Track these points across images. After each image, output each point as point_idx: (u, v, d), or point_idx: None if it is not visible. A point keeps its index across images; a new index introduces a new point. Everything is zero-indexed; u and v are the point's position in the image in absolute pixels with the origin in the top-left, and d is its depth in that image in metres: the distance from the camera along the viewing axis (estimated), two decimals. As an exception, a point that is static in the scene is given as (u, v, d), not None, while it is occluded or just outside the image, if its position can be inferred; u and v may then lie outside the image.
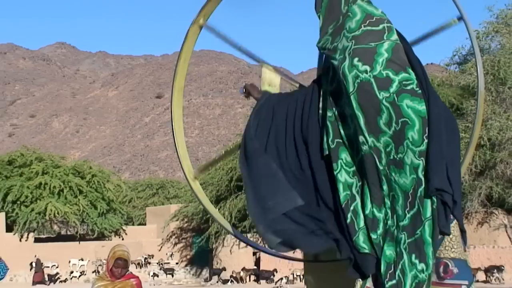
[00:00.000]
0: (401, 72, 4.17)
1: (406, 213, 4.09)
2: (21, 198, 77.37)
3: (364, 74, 4.19)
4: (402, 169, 4.10)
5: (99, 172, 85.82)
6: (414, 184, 4.08)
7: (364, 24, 4.29)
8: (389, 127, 4.12)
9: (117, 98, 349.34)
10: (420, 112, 4.12)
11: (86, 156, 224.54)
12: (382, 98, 4.14)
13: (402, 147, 4.11)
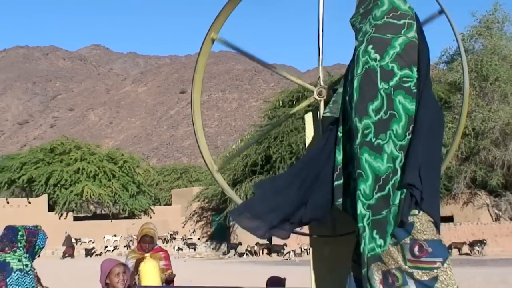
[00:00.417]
0: (405, 69, 4.12)
1: (373, 194, 4.08)
2: (61, 181, 77.69)
3: (373, 61, 4.15)
4: (379, 155, 4.07)
5: (130, 158, 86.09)
6: (390, 172, 4.06)
7: (388, 16, 4.24)
8: (376, 114, 4.09)
9: (146, 93, 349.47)
10: (409, 111, 4.08)
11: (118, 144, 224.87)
12: (381, 88, 4.11)
13: (384, 135, 4.08)
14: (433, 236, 4.07)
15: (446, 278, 4.00)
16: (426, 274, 4.02)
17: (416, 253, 4.05)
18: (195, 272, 32.21)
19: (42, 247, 5.70)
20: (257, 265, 44.63)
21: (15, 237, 5.73)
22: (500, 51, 53.54)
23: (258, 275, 31.95)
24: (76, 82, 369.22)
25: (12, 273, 5.47)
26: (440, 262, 4.03)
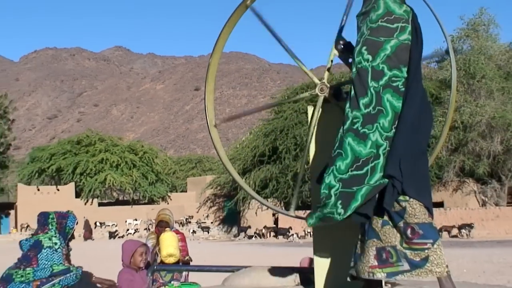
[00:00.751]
0: (394, 69, 4.15)
1: (348, 171, 4.12)
2: (87, 170, 77.97)
3: (365, 62, 4.19)
4: (363, 141, 4.12)
5: (149, 150, 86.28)
6: (371, 156, 4.10)
7: (382, 20, 4.25)
8: (366, 108, 4.13)
9: (163, 90, 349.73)
10: (395, 108, 4.11)
11: (138, 137, 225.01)
12: (371, 86, 4.14)
13: (371, 126, 4.12)
14: (424, 220, 4.09)
15: (436, 258, 4.02)
16: (417, 255, 4.04)
17: (409, 235, 4.08)
18: (209, 252, 32.26)
19: (72, 228, 5.82)
20: (264, 246, 44.69)
21: (46, 220, 5.85)
22: (486, 51, 53.57)
23: (266, 255, 32.02)
24: (100, 80, 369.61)
25: (43, 250, 5.61)
26: (430, 243, 4.05)
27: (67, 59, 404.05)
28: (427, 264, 4.00)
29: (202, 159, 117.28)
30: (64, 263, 5.65)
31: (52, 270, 5.58)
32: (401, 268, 4.08)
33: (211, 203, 68.71)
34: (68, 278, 5.61)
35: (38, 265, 5.60)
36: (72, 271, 5.65)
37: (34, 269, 5.58)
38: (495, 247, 36.83)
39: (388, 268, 4.12)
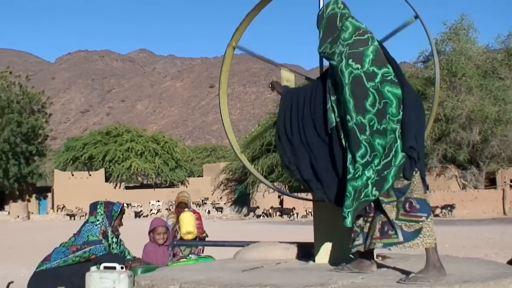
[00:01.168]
0: (383, 68, 4.21)
1: (381, 161, 4.15)
2: (115, 158, 78.21)
3: (356, 70, 4.24)
4: (384, 135, 4.15)
5: (170, 140, 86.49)
6: (392, 141, 4.14)
7: (355, 35, 4.37)
8: (373, 107, 4.16)
9: (182, 87, 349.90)
10: (397, 95, 4.17)
11: (160, 128, 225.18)
12: (369, 87, 4.18)
13: (385, 120, 4.16)
14: (421, 196, 4.15)
15: (428, 230, 4.05)
16: (412, 227, 4.08)
17: (407, 209, 4.12)
18: (222, 230, 32.32)
19: (116, 211, 6.11)
20: (271, 224, 44.73)
21: (95, 207, 6.14)
22: (466, 53, 53.69)
23: (272, 232, 32.05)
24: (127, 79, 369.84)
25: (86, 224, 5.98)
26: (425, 216, 4.09)
27: (97, 60, 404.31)
28: (420, 235, 4.04)
29: (216, 148, 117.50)
30: (99, 236, 5.84)
31: (87, 239, 5.83)
32: (396, 240, 4.11)
33: (224, 187, 68.80)
34: (97, 248, 5.77)
35: (78, 235, 5.90)
36: (103, 244, 5.81)
37: (75, 238, 5.89)
38: (473, 225, 36.81)
39: (385, 239, 4.16)
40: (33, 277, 5.95)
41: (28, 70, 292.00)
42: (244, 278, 4.22)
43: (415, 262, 4.78)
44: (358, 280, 3.99)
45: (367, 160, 4.23)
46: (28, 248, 25.33)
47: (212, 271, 4.77)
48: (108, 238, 6.02)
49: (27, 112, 74.29)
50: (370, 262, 4.49)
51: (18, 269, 17.08)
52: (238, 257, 5.76)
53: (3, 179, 69.06)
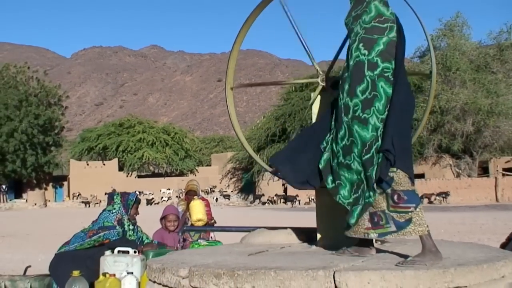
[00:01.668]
0: (386, 62, 4.15)
1: (362, 156, 4.12)
2: (128, 148, 78.35)
3: (362, 56, 4.18)
4: (365, 126, 4.11)
5: (179, 131, 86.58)
6: (373, 139, 4.09)
7: (374, 20, 4.25)
8: (362, 94, 4.12)
9: (191, 81, 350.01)
10: (388, 93, 4.12)
11: (171, 120, 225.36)
12: (367, 75, 4.13)
13: (368, 110, 4.12)
14: (408, 187, 4.11)
15: (418, 219, 4.04)
16: (402, 217, 4.06)
17: (395, 200, 4.09)
18: (229, 216, 32.37)
19: (132, 200, 6.19)
20: (275, 211, 44.78)
21: (112, 197, 6.28)
22: (460, 48, 53.71)
23: (276, 218, 32.09)
24: (139, 73, 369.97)
25: (104, 212, 6.11)
26: (413, 207, 4.07)
27: (111, 55, 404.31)
28: (411, 224, 4.03)
29: (224, 138, 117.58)
30: (114, 223, 5.92)
31: (103, 225, 5.94)
32: (389, 229, 4.11)
33: (231, 175, 68.83)
34: (111, 233, 5.87)
35: (96, 222, 6.03)
36: (117, 229, 5.91)
37: (93, 224, 6.02)
38: (467, 211, 36.80)
39: (379, 229, 4.15)
40: (54, 259, 6.06)
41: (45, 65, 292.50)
42: (251, 262, 4.23)
43: (412, 246, 4.78)
44: (358, 263, 4.00)
45: (345, 144, 4.22)
46: (45, 234, 25.40)
47: (219, 255, 4.78)
48: (124, 225, 6.09)
49: (44, 105, 74.46)
50: (369, 246, 4.50)
51: (35, 254, 17.13)
52: (245, 242, 5.77)
53: (21, 168, 69.27)
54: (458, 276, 3.64)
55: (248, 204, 60.49)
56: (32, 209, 61.44)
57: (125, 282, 4.88)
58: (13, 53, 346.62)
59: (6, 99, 69.95)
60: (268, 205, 56.11)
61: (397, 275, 3.56)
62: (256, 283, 3.67)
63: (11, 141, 67.80)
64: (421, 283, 3.56)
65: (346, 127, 4.21)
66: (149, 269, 4.44)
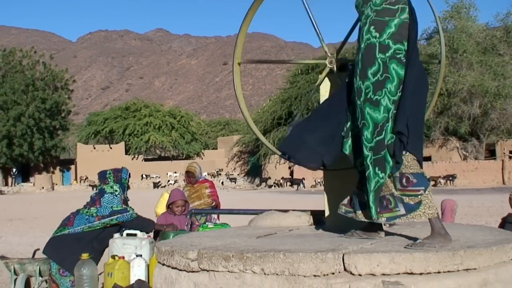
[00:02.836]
0: (397, 43, 4.09)
1: (373, 138, 4.08)
2: (134, 132, 78.47)
3: (373, 38, 4.12)
4: (377, 108, 4.07)
5: (185, 114, 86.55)
6: (384, 121, 4.05)
7: (385, 2, 4.18)
8: (374, 76, 4.08)
9: (197, 65, 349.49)
10: (399, 75, 4.06)
11: (177, 104, 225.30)
12: (378, 57, 4.09)
13: (380, 92, 4.07)
14: (417, 170, 4.08)
15: (427, 202, 4.02)
16: (412, 199, 4.04)
17: (404, 184, 4.07)
18: (236, 199, 32.44)
19: (126, 178, 6.19)
20: (282, 194, 44.84)
21: (105, 176, 6.21)
22: (467, 30, 53.58)
23: (283, 201, 32.15)
24: (144, 57, 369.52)
25: (105, 195, 5.99)
26: (422, 189, 4.05)
27: (117, 39, 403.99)
28: (421, 207, 4.01)
29: (230, 122, 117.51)
30: (122, 205, 5.91)
31: (112, 210, 5.92)
32: (398, 213, 4.09)
33: (237, 158, 69.01)
34: (124, 216, 5.91)
35: (101, 206, 5.95)
36: (129, 211, 5.95)
37: (97, 209, 5.94)
38: (474, 194, 36.78)
39: (387, 213, 4.13)
40: (53, 241, 6.07)
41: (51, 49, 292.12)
42: (259, 244, 4.23)
43: (421, 229, 4.77)
44: (367, 246, 3.99)
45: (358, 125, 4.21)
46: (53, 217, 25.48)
47: (228, 237, 4.78)
48: (128, 204, 6.12)
49: (51, 89, 74.63)
50: (378, 229, 4.49)
51: (43, 237, 17.18)
52: (253, 224, 5.77)
53: (29, 152, 69.55)
54: (468, 258, 3.63)
55: (254, 187, 60.63)
56: (40, 192, 61.72)
57: (134, 264, 4.90)
58: (19, 38, 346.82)
59: (13, 83, 70.14)
60: (274, 188, 56.19)
61: (407, 258, 3.55)
62: (265, 265, 3.67)
63: (18, 125, 68.04)
64: (430, 265, 3.55)
65: (359, 110, 4.19)
66: (158, 251, 4.45)
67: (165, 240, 5.07)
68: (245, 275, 3.74)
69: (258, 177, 63.02)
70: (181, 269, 4.07)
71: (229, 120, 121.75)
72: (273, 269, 3.65)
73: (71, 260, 5.62)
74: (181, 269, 4.07)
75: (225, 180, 65.14)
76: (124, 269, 4.87)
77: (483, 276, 3.67)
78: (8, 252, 13.16)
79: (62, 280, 5.91)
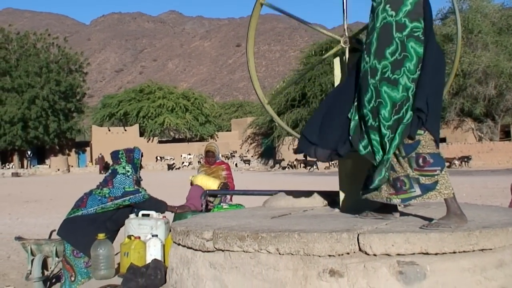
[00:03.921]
0: (414, 21, 4.05)
1: (391, 117, 4.05)
2: (148, 114, 78.65)
3: (389, 17, 4.08)
4: (395, 87, 4.03)
5: (199, 96, 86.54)
6: (403, 100, 4.02)
7: None
8: (392, 56, 4.03)
9: (210, 47, 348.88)
10: (418, 53, 4.02)
11: (190, 86, 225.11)
12: (396, 37, 4.04)
13: (399, 71, 4.03)
14: (434, 150, 4.06)
15: (444, 182, 4.00)
16: (428, 180, 4.02)
17: (420, 164, 4.04)
18: (250, 181, 32.50)
19: (138, 158, 6.17)
20: (295, 175, 44.86)
21: (117, 156, 6.19)
22: (482, 10, 53.10)
23: (297, 182, 32.16)
24: (158, 39, 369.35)
25: (117, 175, 5.99)
26: (439, 169, 4.03)
27: (130, 21, 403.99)
28: (437, 186, 3.99)
29: (243, 104, 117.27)
30: (134, 186, 5.91)
31: (124, 190, 5.91)
32: (413, 194, 4.07)
33: (251, 140, 69.05)
34: (136, 197, 5.91)
35: (113, 187, 5.95)
36: (141, 192, 5.95)
37: (109, 189, 5.94)
38: (489, 175, 36.62)
39: (402, 195, 4.12)
40: (67, 223, 6.13)
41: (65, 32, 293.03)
42: (274, 224, 4.24)
43: (436, 210, 4.76)
44: (382, 226, 3.99)
45: (373, 106, 4.14)
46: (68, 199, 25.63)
47: (243, 218, 4.80)
48: (140, 185, 6.14)
49: (65, 71, 74.87)
50: (393, 210, 4.48)
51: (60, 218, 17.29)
52: (267, 205, 5.78)
53: (44, 134, 69.95)
54: (483, 239, 3.62)
55: (268, 169, 60.64)
56: (55, 174, 62.12)
57: (150, 244, 4.93)
58: (33, 21, 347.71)
59: (27, 66, 70.40)
60: (288, 170, 56.19)
61: (422, 238, 3.55)
62: (280, 245, 3.68)
63: (33, 108, 68.37)
64: (445, 246, 3.55)
65: (373, 89, 4.14)
66: (173, 231, 4.47)
67: (181, 220, 5.10)
68: (260, 255, 3.75)
69: (271, 158, 63.03)
70: (196, 249, 4.09)
71: (242, 102, 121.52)
72: (288, 249, 3.66)
73: (85, 242, 5.67)
74: (197, 249, 4.09)
75: (239, 162, 65.18)
76: (140, 249, 4.91)
77: (498, 256, 3.67)
78: (24, 233, 13.25)
79: (76, 261, 5.95)
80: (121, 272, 4.86)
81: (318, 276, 3.58)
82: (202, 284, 4.03)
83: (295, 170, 55.86)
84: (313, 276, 3.59)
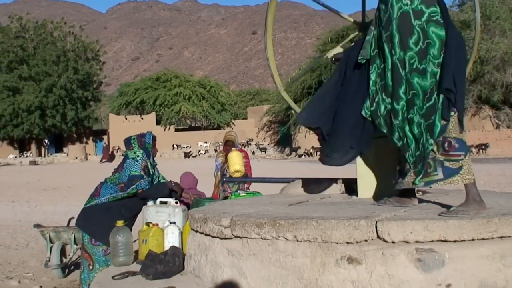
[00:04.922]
0: (431, 7, 4.03)
1: (424, 105, 4.03)
2: (165, 102, 78.79)
3: (405, 6, 4.06)
4: (424, 76, 4.01)
5: (215, 84, 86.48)
6: (433, 85, 4.00)
7: None
8: (416, 46, 4.01)
9: (226, 35, 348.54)
10: (440, 36, 4.00)
11: (206, 74, 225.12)
12: (415, 25, 4.02)
13: (425, 60, 4.01)
14: (458, 135, 4.05)
15: (467, 167, 3.99)
16: (453, 164, 4.00)
17: (446, 148, 4.03)
18: (266, 168, 32.53)
19: (149, 142, 6.19)
20: (312, 163, 44.73)
21: (130, 142, 6.26)
22: (500, -4, 52.73)
23: (313, 170, 32.10)
24: (174, 27, 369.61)
25: (127, 160, 6.04)
26: (463, 155, 4.02)
27: (146, 10, 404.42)
28: (461, 171, 3.98)
29: (259, 91, 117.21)
30: (141, 172, 5.94)
31: (130, 174, 5.96)
32: (436, 177, 4.06)
33: (267, 128, 69.01)
34: (141, 184, 5.93)
35: (122, 171, 6.03)
36: (145, 179, 5.99)
37: (119, 174, 6.03)
38: (507, 163, 36.42)
39: (425, 178, 4.10)
40: (84, 212, 6.19)
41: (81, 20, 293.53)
42: (291, 211, 4.24)
43: (455, 197, 4.74)
44: (400, 213, 3.98)
45: (407, 98, 4.12)
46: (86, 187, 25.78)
47: (260, 205, 4.80)
48: (150, 171, 6.15)
49: (82, 60, 75.12)
50: (411, 197, 4.46)
51: (78, 206, 17.40)
52: (284, 193, 5.78)
53: (61, 123, 70.35)
54: (502, 226, 3.59)
55: (284, 156, 60.61)
56: (73, 162, 62.43)
57: (168, 231, 4.95)
58: (49, 9, 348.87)
59: (44, 55, 70.68)
60: (304, 158, 56.13)
61: (440, 225, 3.53)
62: (298, 232, 3.67)
63: (50, 96, 68.71)
64: (464, 233, 3.53)
65: (404, 81, 4.13)
66: (191, 219, 4.49)
67: (198, 208, 5.11)
68: (278, 242, 3.75)
69: (288, 146, 62.98)
70: (214, 236, 4.10)
71: (258, 90, 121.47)
72: (306, 236, 3.66)
73: (102, 230, 5.72)
74: (214, 236, 4.10)
75: (255, 150, 65.17)
76: (158, 235, 4.93)
77: (517, 243, 3.64)
78: (43, 221, 13.37)
79: (94, 250, 6.01)
80: (139, 259, 4.89)
81: (336, 263, 3.57)
82: (220, 271, 4.04)
83: (312, 157, 55.80)
84: (331, 263, 3.59)
